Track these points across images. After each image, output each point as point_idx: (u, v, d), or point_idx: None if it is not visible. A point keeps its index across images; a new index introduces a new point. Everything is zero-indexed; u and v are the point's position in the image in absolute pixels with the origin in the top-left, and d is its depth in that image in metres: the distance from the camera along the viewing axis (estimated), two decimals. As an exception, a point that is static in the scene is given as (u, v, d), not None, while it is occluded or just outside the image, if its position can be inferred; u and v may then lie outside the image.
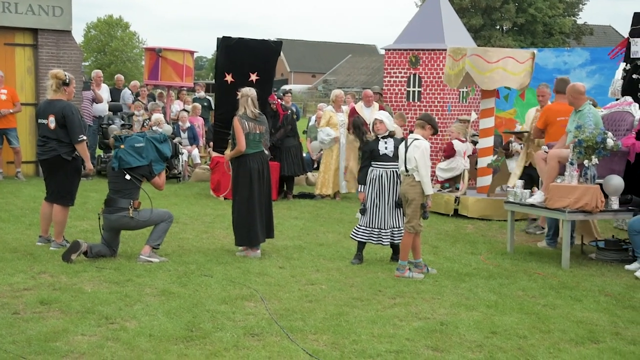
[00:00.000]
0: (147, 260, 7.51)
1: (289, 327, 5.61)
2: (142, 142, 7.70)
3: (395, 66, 13.83)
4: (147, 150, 7.71)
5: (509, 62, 10.35)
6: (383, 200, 7.84)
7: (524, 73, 10.47)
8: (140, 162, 7.67)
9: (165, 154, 7.85)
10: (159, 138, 7.85)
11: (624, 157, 8.40)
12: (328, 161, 12.60)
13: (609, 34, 54.98)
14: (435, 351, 5.21)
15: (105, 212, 7.64)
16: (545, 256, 8.55)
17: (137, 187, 7.68)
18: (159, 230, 7.69)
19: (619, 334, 5.70)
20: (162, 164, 7.89)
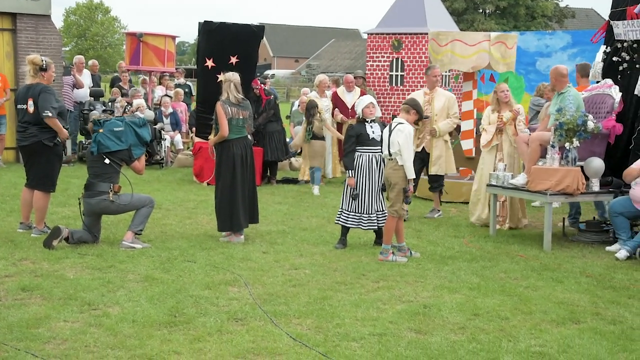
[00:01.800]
0: (129, 247, 7.48)
1: (273, 311, 5.62)
2: (121, 126, 7.65)
3: (378, 50, 13.83)
4: (126, 134, 7.67)
5: (457, 45, 10.42)
6: (371, 185, 7.84)
7: (475, 56, 10.50)
8: (120, 147, 7.62)
9: (145, 138, 7.81)
10: (138, 122, 7.80)
11: (605, 139, 8.46)
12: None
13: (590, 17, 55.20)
14: (418, 334, 5.24)
15: (85, 197, 7.60)
16: (528, 238, 8.62)
17: (116, 171, 7.64)
18: (140, 215, 7.66)
19: (599, 314, 5.76)
20: (141, 148, 7.85)
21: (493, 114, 9.14)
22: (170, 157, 14.88)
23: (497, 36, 10.82)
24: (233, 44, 12.20)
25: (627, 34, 8.61)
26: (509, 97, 9.16)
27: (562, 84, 8.36)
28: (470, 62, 10.49)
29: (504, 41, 10.55)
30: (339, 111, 12.45)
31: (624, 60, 8.65)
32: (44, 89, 7.91)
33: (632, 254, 7.61)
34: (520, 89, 13.24)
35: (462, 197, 10.77)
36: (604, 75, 8.84)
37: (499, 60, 10.61)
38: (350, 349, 4.89)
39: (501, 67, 10.70)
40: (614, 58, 8.75)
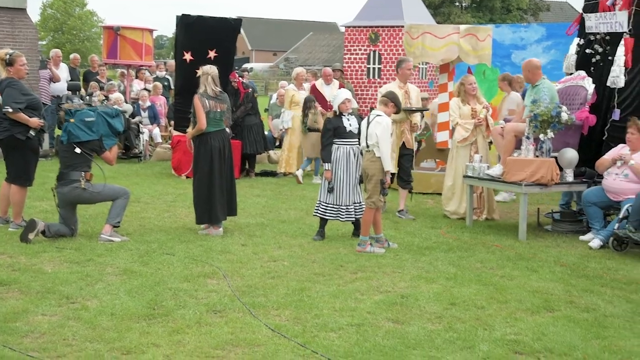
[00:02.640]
0: (108, 240, 7.48)
1: (252, 303, 5.65)
2: (92, 116, 7.62)
3: (355, 43, 13.87)
4: (98, 124, 7.64)
5: (427, 38, 10.51)
6: (349, 177, 7.89)
7: (445, 48, 10.60)
8: (90, 137, 7.60)
9: (117, 128, 7.78)
10: (110, 112, 7.77)
11: (578, 130, 8.58)
12: (292, 139, 12.61)
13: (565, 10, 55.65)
14: (396, 323, 5.31)
15: (58, 187, 7.59)
16: (503, 229, 8.72)
17: (88, 160, 7.62)
18: (117, 207, 7.65)
19: (573, 302, 5.86)
20: (113, 139, 7.83)
21: (464, 106, 9.19)
22: (148, 150, 14.83)
23: (466, 28, 10.89)
24: (211, 37, 12.18)
25: (598, 26, 8.73)
26: (476, 89, 9.23)
27: (536, 77, 8.46)
28: (440, 54, 10.56)
29: (475, 34, 10.61)
30: (318, 104, 12.47)
31: (596, 53, 8.77)
32: (10, 84, 7.86)
33: (605, 243, 7.74)
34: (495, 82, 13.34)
35: (431, 188, 10.81)
36: (577, 67, 8.95)
37: (469, 52, 10.67)
38: (328, 339, 4.94)
39: (472, 59, 10.77)
40: (587, 50, 8.86)
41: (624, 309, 5.68)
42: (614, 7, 8.52)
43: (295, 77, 12.85)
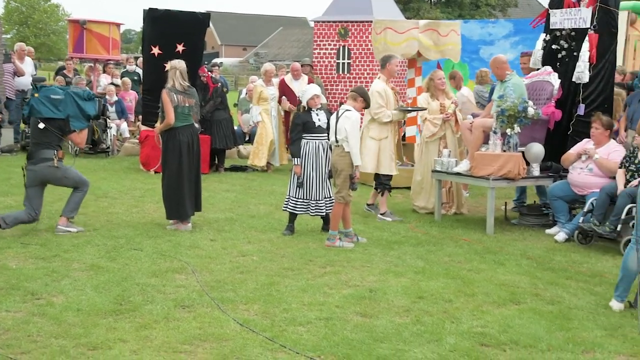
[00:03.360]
0: (65, 231, 7.48)
1: (220, 298, 5.64)
2: (60, 94, 7.53)
3: (325, 38, 13.87)
4: (66, 104, 7.53)
5: (389, 33, 10.56)
6: (318, 171, 7.90)
7: (405, 43, 10.66)
8: (55, 115, 7.49)
9: (89, 112, 7.68)
10: (82, 94, 7.68)
11: (545, 125, 8.68)
12: (262, 134, 12.57)
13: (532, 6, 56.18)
14: (364, 317, 5.33)
15: (29, 165, 7.51)
16: (471, 223, 8.80)
17: (57, 138, 7.54)
18: (74, 201, 7.63)
19: (538, 294, 5.94)
20: (83, 122, 7.71)
21: (433, 101, 9.23)
22: (116, 145, 14.69)
23: (426, 24, 10.95)
24: (179, 31, 12.09)
25: (562, 22, 8.83)
26: (444, 84, 9.28)
27: (503, 72, 8.54)
28: (400, 49, 10.61)
29: (436, 29, 10.65)
30: (287, 99, 12.46)
31: (562, 48, 8.86)
32: None
33: (570, 236, 7.85)
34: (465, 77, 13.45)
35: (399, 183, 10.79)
36: (543, 63, 9.04)
37: (430, 47, 10.72)
38: (297, 333, 4.95)
39: (433, 54, 10.83)
40: (553, 46, 8.95)
41: (587, 301, 5.78)
42: (579, 3, 8.63)
43: (264, 73, 12.81)
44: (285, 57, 48.68)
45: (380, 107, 8.74)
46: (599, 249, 7.58)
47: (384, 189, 8.94)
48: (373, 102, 8.65)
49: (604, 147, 8.08)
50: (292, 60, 40.63)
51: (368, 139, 8.85)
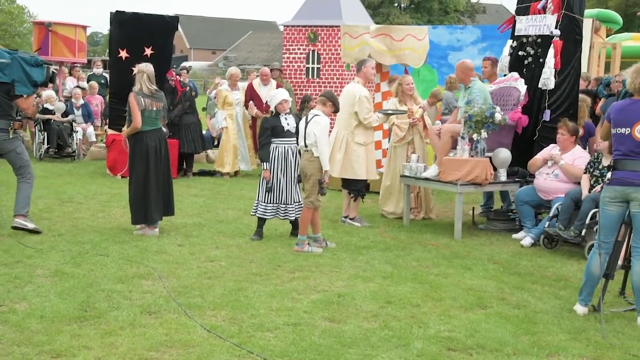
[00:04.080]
0: (22, 224, 7.48)
1: (187, 303, 5.59)
2: (6, 58, 7.48)
3: (294, 43, 13.87)
4: (12, 68, 7.48)
5: (346, 38, 10.63)
6: (287, 176, 7.89)
7: (358, 48, 10.75)
8: (0, 79, 7.45)
9: (35, 78, 7.62)
10: (29, 60, 7.60)
11: (511, 130, 8.77)
12: (225, 139, 12.52)
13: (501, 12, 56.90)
14: (332, 322, 5.32)
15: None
16: (439, 227, 8.85)
17: (9, 106, 7.53)
18: (23, 197, 7.61)
19: (505, 299, 5.99)
20: (29, 87, 7.64)
21: (401, 106, 9.27)
22: (82, 149, 14.53)
23: (378, 28, 11.00)
24: (146, 34, 12.01)
25: (527, 29, 8.94)
26: (412, 89, 9.32)
27: (469, 78, 8.62)
28: (353, 54, 10.69)
29: (389, 34, 10.70)
30: (254, 104, 12.41)
31: (528, 55, 8.97)
32: None
33: (536, 240, 7.94)
34: (433, 82, 13.51)
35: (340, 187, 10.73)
36: (510, 69, 9.14)
37: (383, 52, 10.77)
38: (264, 339, 4.92)
39: (388, 59, 10.90)
40: (520, 52, 9.06)
41: (552, 305, 5.84)
42: (545, 10, 8.74)
43: (229, 77, 12.75)
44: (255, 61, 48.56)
45: (370, 111, 8.76)
46: (564, 253, 7.67)
47: (358, 194, 8.93)
48: (362, 107, 8.66)
49: (569, 152, 8.18)
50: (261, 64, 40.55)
51: (355, 145, 8.79)
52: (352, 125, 8.81)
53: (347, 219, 9.00)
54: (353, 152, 8.76)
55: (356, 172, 8.78)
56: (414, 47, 10.67)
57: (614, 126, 5.51)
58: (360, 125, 8.79)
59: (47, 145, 13.91)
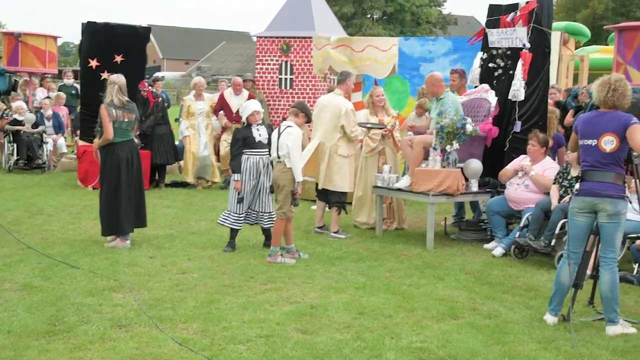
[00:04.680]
0: None
1: (158, 316, 5.54)
2: None
3: (267, 53, 13.88)
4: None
5: (313, 50, 10.71)
6: (259, 187, 7.89)
7: (321, 59, 10.84)
8: None
9: None
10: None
11: (482, 141, 8.85)
12: (187, 149, 12.43)
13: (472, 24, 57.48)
14: (305, 334, 5.31)
15: None
16: (412, 238, 8.89)
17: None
18: None
19: (476, 309, 6.03)
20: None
21: (372, 117, 9.30)
22: (53, 161, 14.37)
23: (338, 39, 11.08)
24: (118, 45, 11.93)
25: (500, 41, 9.06)
26: (383, 101, 9.35)
27: (440, 90, 8.69)
28: (317, 65, 10.77)
29: (349, 44, 10.77)
30: (224, 114, 12.33)
31: (498, 67, 9.08)
32: None
33: (507, 250, 8.01)
34: (405, 93, 13.57)
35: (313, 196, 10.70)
36: (481, 81, 9.24)
37: (344, 63, 10.82)
38: (236, 351, 4.90)
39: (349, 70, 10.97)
40: (490, 64, 9.17)
41: (523, 315, 5.88)
42: (514, 23, 8.85)
43: (193, 87, 12.65)
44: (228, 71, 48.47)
45: (356, 124, 8.78)
46: (535, 263, 7.74)
47: (341, 207, 8.91)
48: (349, 121, 8.67)
49: (539, 163, 8.28)
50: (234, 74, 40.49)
51: (338, 157, 8.77)
52: (336, 138, 8.79)
53: (322, 229, 9.01)
54: (336, 164, 8.75)
55: (337, 184, 8.76)
56: (376, 58, 10.72)
57: (581, 138, 5.60)
58: (344, 138, 8.79)
59: (16, 157, 13.73)
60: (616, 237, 5.49)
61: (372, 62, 10.73)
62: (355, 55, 10.66)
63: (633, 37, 11.97)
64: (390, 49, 10.79)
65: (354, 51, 10.67)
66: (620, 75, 5.73)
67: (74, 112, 15.95)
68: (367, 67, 10.82)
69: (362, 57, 10.75)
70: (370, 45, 10.84)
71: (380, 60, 10.74)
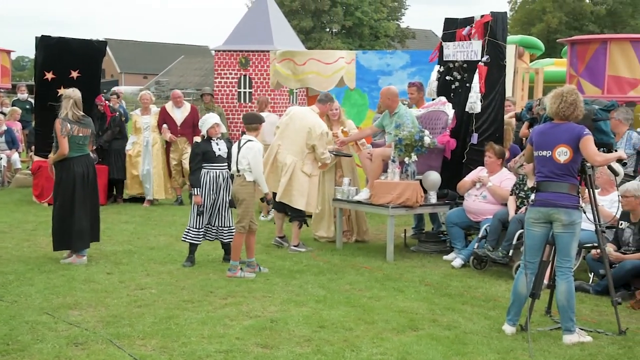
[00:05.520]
0: None
1: (116, 333, 5.46)
2: None
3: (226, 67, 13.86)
4: None
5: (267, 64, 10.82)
6: (220, 201, 7.84)
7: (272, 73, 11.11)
8: None
9: None
10: None
11: (440, 153, 8.93)
12: (129, 162, 12.25)
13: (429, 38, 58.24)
14: (265, 348, 5.28)
15: None
16: (372, 250, 8.91)
17: None
18: None
19: (436, 320, 6.06)
20: None
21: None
22: (7, 177, 14.09)
23: (282, 53, 11.13)
24: (73, 59, 11.79)
25: (455, 54, 9.18)
26: (337, 115, 9.37)
27: (395, 104, 8.75)
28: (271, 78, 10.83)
29: (291, 58, 10.82)
30: (167, 128, 12.14)
31: (455, 80, 9.19)
32: None
33: (466, 261, 8.08)
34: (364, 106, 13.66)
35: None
36: (438, 93, 9.35)
37: (288, 77, 10.87)
38: (195, 367, 4.84)
39: (293, 83, 11.01)
40: (447, 77, 9.28)
41: (482, 326, 5.93)
42: (470, 37, 8.99)
43: (140, 99, 12.43)
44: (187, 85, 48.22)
45: (326, 148, 8.75)
46: (493, 273, 7.82)
47: (302, 221, 8.88)
48: (322, 143, 8.63)
49: (496, 175, 8.39)
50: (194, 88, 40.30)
51: (301, 174, 8.70)
52: (304, 154, 8.73)
53: (283, 240, 9.00)
54: (297, 180, 8.69)
55: (294, 200, 8.69)
56: (319, 71, 10.75)
57: (536, 149, 5.69)
58: (310, 156, 8.75)
59: (-31, 173, 13.46)
60: (571, 247, 5.58)
61: (315, 75, 10.75)
62: (297, 68, 10.70)
63: (585, 50, 12.28)
64: (336, 62, 10.78)
65: (296, 64, 10.70)
66: (573, 87, 5.85)
67: (29, 127, 15.68)
68: (309, 80, 10.86)
69: (304, 70, 10.80)
70: (313, 58, 10.87)
71: (323, 73, 10.75)
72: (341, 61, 10.86)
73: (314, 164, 8.81)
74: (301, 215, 8.84)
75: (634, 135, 8.52)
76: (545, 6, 44.78)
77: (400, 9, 49.16)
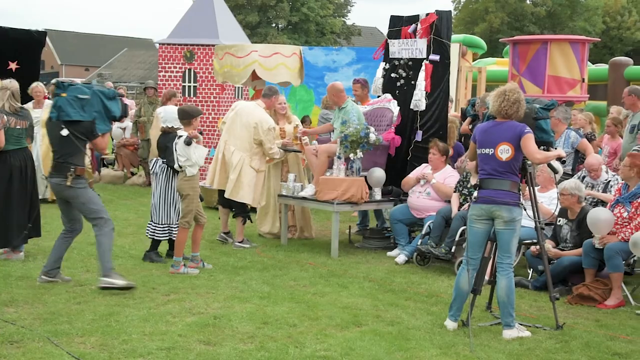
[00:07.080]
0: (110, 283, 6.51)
1: (54, 331, 5.32)
2: (87, 94, 6.51)
3: (170, 61, 13.66)
4: (92, 104, 6.53)
5: None
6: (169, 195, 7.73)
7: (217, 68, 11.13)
8: (82, 117, 6.48)
9: (114, 112, 6.68)
10: (107, 93, 6.66)
11: (385, 150, 8.99)
12: None
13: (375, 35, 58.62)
14: (208, 345, 5.23)
15: (49, 176, 6.64)
16: (317, 246, 8.91)
17: (79, 150, 6.53)
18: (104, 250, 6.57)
19: (379, 316, 6.09)
20: (107, 124, 6.73)
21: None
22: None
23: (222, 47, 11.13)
24: (11, 49, 11.41)
25: (400, 52, 9.25)
26: (285, 109, 9.35)
27: (341, 99, 8.78)
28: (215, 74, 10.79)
29: (232, 53, 10.79)
30: None
31: (400, 77, 9.26)
32: None
33: (410, 258, 8.15)
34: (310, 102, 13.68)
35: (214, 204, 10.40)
36: (383, 90, 9.40)
37: (216, 71, 10.83)
38: (136, 365, 4.76)
39: (219, 78, 10.99)
40: (392, 74, 9.34)
41: (424, 321, 5.99)
42: (415, 34, 9.06)
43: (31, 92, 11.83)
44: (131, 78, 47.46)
45: (274, 143, 8.67)
46: (436, 270, 7.91)
47: (245, 217, 8.80)
48: (270, 138, 8.56)
49: (440, 172, 8.48)
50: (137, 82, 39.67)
51: (248, 169, 8.59)
52: (252, 149, 8.63)
53: (227, 235, 8.94)
54: (245, 174, 8.60)
55: (241, 195, 8.62)
56: (232, 64, 10.74)
57: (479, 147, 5.77)
58: (259, 151, 8.67)
59: None
60: (512, 243, 5.68)
61: (229, 68, 10.78)
62: (237, 61, 10.68)
63: (526, 50, 12.53)
64: (248, 55, 10.69)
65: (236, 57, 10.67)
66: (515, 85, 5.95)
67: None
68: (225, 74, 10.89)
69: (223, 64, 10.83)
70: (228, 52, 10.83)
71: (236, 66, 10.74)
72: (254, 54, 10.70)
73: (262, 159, 8.76)
74: (245, 211, 8.77)
75: (572, 134, 8.73)
76: (488, 6, 45.59)
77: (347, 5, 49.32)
